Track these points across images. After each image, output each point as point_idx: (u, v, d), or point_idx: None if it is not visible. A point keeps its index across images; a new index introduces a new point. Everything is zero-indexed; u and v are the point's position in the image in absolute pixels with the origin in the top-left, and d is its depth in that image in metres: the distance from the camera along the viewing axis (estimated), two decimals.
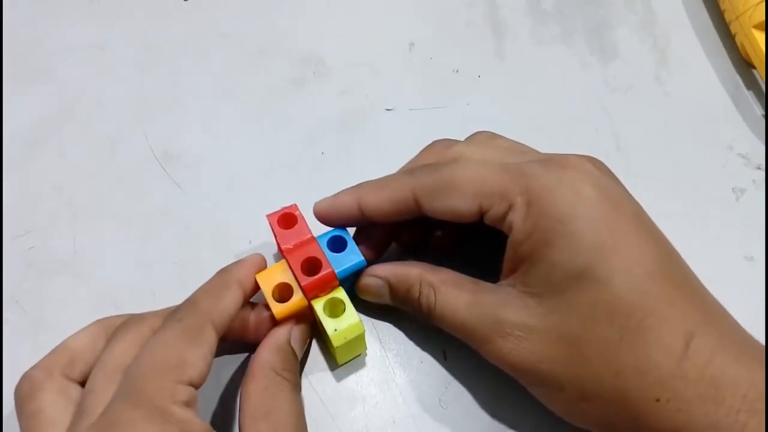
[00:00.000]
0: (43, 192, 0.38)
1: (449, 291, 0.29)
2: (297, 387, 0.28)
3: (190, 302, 0.27)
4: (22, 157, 0.40)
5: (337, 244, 0.31)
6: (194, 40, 0.46)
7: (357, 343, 0.30)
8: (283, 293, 0.30)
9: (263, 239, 0.36)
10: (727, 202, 0.39)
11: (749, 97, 0.43)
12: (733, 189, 0.39)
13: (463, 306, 0.28)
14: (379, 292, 0.31)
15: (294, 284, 0.29)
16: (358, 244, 0.31)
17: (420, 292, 0.30)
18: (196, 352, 0.25)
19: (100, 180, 0.39)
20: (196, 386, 0.25)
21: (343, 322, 0.29)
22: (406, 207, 0.29)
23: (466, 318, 0.28)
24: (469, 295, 0.28)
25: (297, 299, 0.29)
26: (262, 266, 0.30)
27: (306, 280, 0.29)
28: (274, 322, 0.30)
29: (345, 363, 0.32)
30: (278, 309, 0.29)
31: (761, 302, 0.35)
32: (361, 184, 0.31)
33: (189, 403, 0.24)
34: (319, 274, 0.29)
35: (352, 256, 0.31)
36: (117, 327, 0.27)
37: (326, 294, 0.30)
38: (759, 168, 0.40)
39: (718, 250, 0.36)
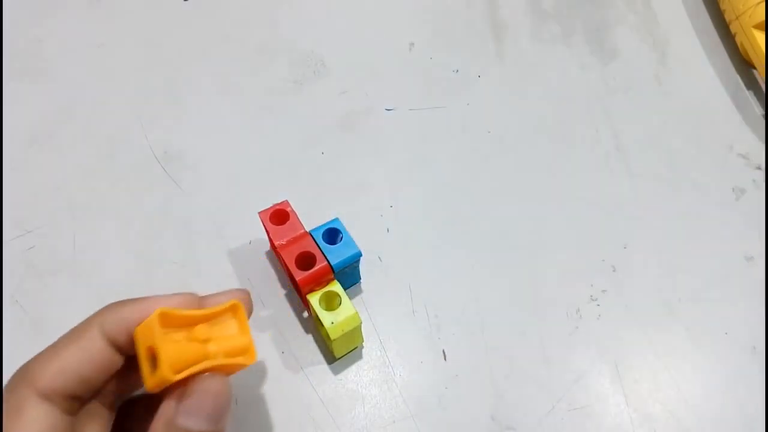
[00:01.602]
0: (43, 192, 0.38)
1: None
2: None
3: (22, 367, 0.22)
4: (22, 157, 0.40)
5: (332, 237, 0.31)
6: (194, 40, 0.46)
7: (354, 335, 0.30)
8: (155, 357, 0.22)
9: (263, 239, 0.36)
10: (727, 202, 0.39)
11: (749, 97, 0.43)
12: (733, 189, 0.39)
13: None
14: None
15: (160, 349, 0.21)
16: None
17: None
18: None
19: (100, 180, 0.39)
20: None
21: (340, 315, 0.29)
22: None
23: None
24: None
25: (160, 373, 0.21)
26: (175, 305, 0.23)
27: (301, 275, 0.29)
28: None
29: (343, 356, 0.32)
30: (149, 381, 0.22)
31: (761, 302, 0.35)
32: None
33: None
34: (314, 268, 0.29)
35: (348, 247, 0.31)
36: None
37: (322, 288, 0.30)
38: (759, 168, 0.40)
39: (718, 250, 0.36)
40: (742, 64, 0.45)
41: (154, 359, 0.22)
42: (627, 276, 0.35)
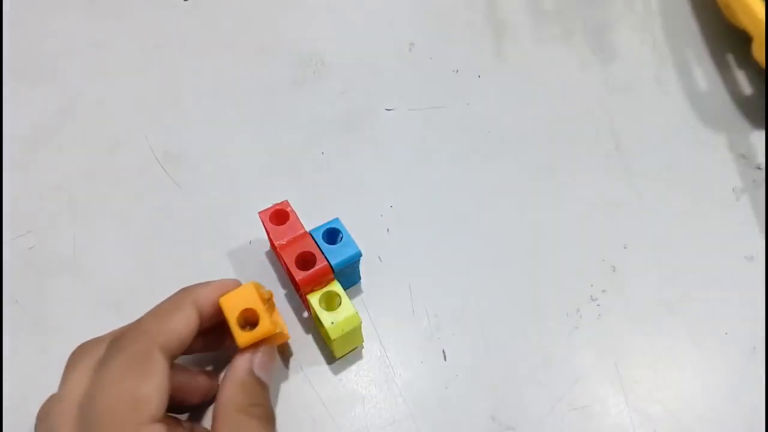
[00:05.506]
0: (43, 192, 0.38)
1: None
2: (268, 419, 0.27)
3: (135, 326, 0.26)
4: (22, 157, 0.40)
5: (332, 236, 0.31)
6: (194, 40, 0.46)
7: (354, 335, 0.30)
8: (248, 319, 0.28)
9: (263, 239, 0.36)
10: (727, 202, 0.39)
11: (749, 96, 0.43)
12: (733, 189, 0.39)
13: None
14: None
15: (260, 309, 0.27)
16: None
17: None
18: (147, 385, 0.23)
19: (100, 180, 0.39)
20: (159, 418, 0.23)
21: (340, 315, 0.29)
22: None
23: None
24: None
25: (263, 327, 0.27)
26: (231, 289, 0.28)
27: (301, 275, 0.29)
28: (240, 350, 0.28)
29: (343, 356, 0.32)
30: (242, 338, 0.27)
31: (761, 302, 0.35)
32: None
33: None
34: (314, 268, 0.30)
35: (348, 247, 0.31)
36: (70, 355, 0.26)
37: (322, 288, 0.30)
38: (759, 168, 0.40)
39: (718, 250, 0.36)
40: (743, 64, 0.45)
41: (247, 321, 0.27)
42: (627, 276, 0.35)
